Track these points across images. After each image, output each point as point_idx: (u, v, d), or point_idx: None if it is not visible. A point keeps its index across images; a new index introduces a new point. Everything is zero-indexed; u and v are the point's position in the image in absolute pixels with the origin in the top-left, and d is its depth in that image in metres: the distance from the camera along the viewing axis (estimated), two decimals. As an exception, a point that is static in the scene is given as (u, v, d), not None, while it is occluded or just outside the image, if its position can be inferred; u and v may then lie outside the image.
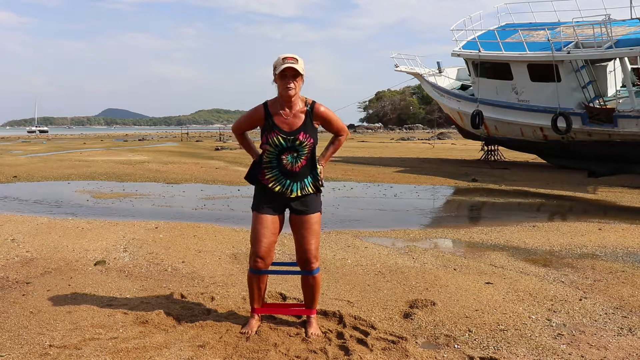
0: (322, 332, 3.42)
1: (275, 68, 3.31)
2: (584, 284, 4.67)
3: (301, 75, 3.30)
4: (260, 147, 3.45)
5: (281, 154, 3.37)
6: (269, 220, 3.41)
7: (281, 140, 3.33)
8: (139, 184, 12.90)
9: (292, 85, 3.27)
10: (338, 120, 3.54)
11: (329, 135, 3.64)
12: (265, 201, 3.43)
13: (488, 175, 14.55)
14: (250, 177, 3.52)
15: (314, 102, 3.42)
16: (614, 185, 12.53)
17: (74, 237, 6.39)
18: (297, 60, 3.27)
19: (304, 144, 3.35)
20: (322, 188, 3.50)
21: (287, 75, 3.26)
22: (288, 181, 3.39)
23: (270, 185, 3.41)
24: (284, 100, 3.34)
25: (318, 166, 3.50)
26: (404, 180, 13.86)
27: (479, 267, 5.21)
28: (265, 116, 3.38)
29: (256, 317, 3.51)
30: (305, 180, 3.42)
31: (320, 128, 3.54)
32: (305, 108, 3.38)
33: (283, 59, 3.27)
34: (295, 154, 3.36)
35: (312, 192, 3.43)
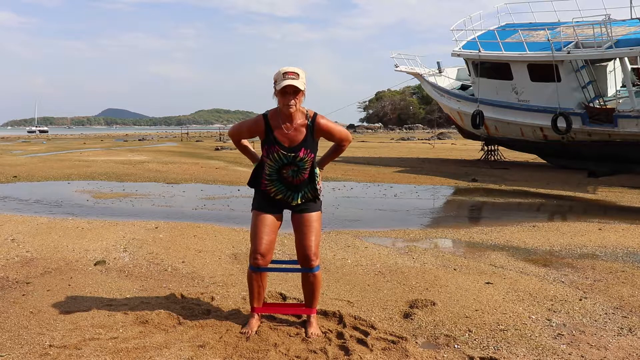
0: (322, 332, 3.42)
1: (275, 82, 3.23)
2: (584, 284, 4.67)
3: (302, 90, 3.24)
4: (262, 159, 3.44)
5: (282, 168, 3.36)
6: (269, 218, 3.42)
7: (282, 157, 3.31)
8: (139, 184, 12.90)
9: (292, 102, 3.21)
10: (340, 130, 3.48)
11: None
12: (266, 201, 3.46)
13: (488, 175, 14.55)
14: (253, 184, 3.53)
15: (315, 115, 3.35)
16: (614, 185, 12.53)
17: (74, 237, 6.39)
18: (298, 75, 3.19)
19: (305, 159, 3.33)
20: (320, 196, 3.50)
21: (287, 92, 3.20)
22: (289, 192, 3.41)
23: (272, 195, 3.44)
24: (285, 115, 3.29)
25: (316, 170, 3.50)
26: (404, 180, 13.86)
27: (479, 267, 5.20)
28: (265, 130, 3.33)
29: (256, 316, 3.51)
30: (306, 189, 3.45)
31: None
32: (306, 122, 3.32)
33: (284, 74, 3.19)
34: (295, 169, 3.35)
35: (310, 197, 3.46)
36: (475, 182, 13.31)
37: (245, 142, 3.60)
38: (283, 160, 3.32)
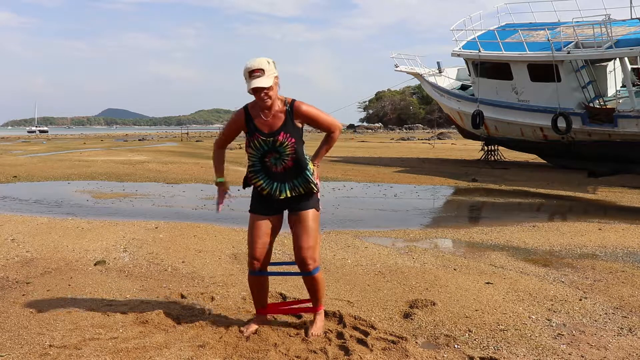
0: (322, 332, 3.42)
1: (245, 79, 3.20)
2: (584, 284, 4.67)
3: (271, 85, 3.20)
4: (245, 150, 3.40)
5: (264, 157, 3.32)
6: (263, 221, 3.39)
7: (262, 143, 3.27)
8: (139, 184, 12.90)
9: (265, 98, 3.20)
10: (324, 115, 3.37)
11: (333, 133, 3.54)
12: (260, 202, 3.42)
13: (488, 175, 14.56)
14: (244, 183, 3.52)
15: (293, 100, 3.30)
16: (614, 185, 12.53)
17: (74, 237, 6.39)
18: (263, 71, 3.15)
19: (285, 144, 3.26)
20: (316, 189, 3.39)
21: (257, 91, 3.19)
22: (275, 184, 3.34)
23: (259, 189, 3.40)
24: (262, 107, 3.28)
25: (311, 167, 3.38)
26: (404, 180, 13.86)
27: (479, 267, 5.20)
28: (246, 120, 3.32)
29: (259, 318, 3.50)
30: (295, 181, 3.34)
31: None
32: (285, 107, 3.29)
33: (249, 73, 3.15)
34: (277, 156, 3.30)
35: (303, 192, 3.36)
36: (475, 182, 13.31)
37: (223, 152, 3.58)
38: (264, 147, 3.29)
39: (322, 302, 3.51)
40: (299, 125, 3.32)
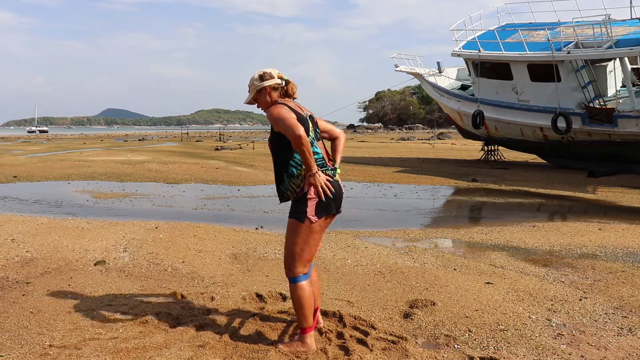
0: (289, 351, 3.14)
1: None
2: (584, 284, 4.67)
3: (255, 96, 3.23)
4: None
5: None
6: None
7: None
8: (139, 184, 12.90)
9: (258, 107, 3.29)
10: (281, 124, 3.02)
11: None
12: None
13: (488, 175, 14.56)
14: None
15: (271, 106, 3.17)
16: (614, 185, 12.53)
17: (74, 237, 6.39)
18: (249, 87, 3.28)
19: (270, 147, 3.23)
20: (293, 196, 3.12)
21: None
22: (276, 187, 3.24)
23: None
24: None
25: (293, 170, 3.10)
26: (404, 180, 13.86)
27: (479, 267, 5.20)
28: None
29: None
30: (281, 186, 3.17)
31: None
32: None
33: None
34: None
35: (285, 196, 3.17)
36: (475, 182, 13.31)
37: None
38: None
39: (305, 324, 3.12)
40: (276, 130, 3.12)
